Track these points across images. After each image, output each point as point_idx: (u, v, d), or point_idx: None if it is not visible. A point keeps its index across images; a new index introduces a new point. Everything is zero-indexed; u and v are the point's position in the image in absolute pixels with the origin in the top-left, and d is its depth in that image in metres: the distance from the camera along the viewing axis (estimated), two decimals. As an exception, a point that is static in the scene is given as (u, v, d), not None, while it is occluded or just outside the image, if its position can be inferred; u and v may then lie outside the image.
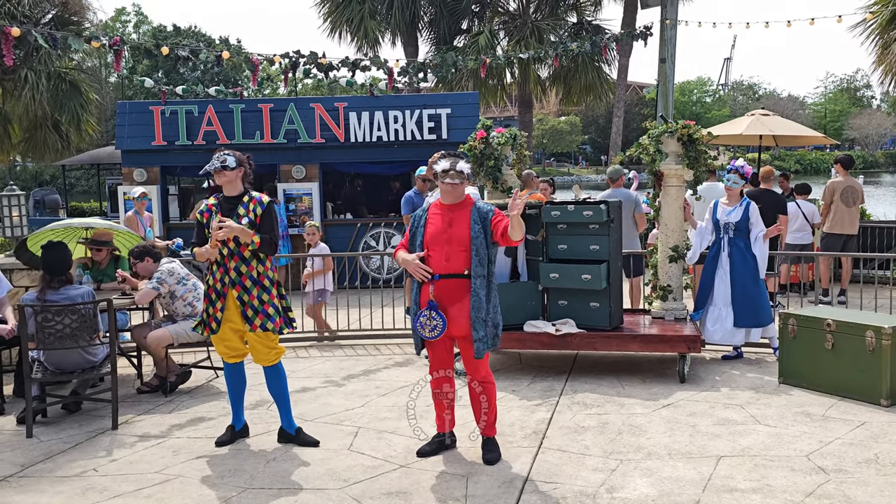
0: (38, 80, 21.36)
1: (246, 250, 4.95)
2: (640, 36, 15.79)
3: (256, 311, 4.97)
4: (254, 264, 4.98)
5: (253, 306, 4.96)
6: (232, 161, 4.99)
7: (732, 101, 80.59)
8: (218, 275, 4.99)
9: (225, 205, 5.03)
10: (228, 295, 4.99)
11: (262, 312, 4.98)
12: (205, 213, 5.06)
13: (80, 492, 4.44)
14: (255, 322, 4.96)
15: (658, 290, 7.25)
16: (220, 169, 4.97)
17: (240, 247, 4.94)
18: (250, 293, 4.96)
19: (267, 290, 5.01)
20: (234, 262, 4.96)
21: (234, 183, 5.04)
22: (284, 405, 5.20)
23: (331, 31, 23.98)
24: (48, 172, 43.05)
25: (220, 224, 4.78)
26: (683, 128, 7.00)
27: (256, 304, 4.97)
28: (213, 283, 5.02)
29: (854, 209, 9.90)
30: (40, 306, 5.45)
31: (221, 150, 5.11)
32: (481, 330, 4.51)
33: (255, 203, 5.01)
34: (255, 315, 4.97)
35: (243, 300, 4.96)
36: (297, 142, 12.18)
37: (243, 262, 4.96)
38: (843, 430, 5.17)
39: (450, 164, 4.61)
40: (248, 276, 4.97)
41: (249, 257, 4.97)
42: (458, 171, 4.60)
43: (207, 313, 5.08)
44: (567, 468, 4.60)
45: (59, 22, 21.62)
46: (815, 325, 6.05)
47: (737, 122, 14.12)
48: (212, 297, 5.04)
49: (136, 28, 59.54)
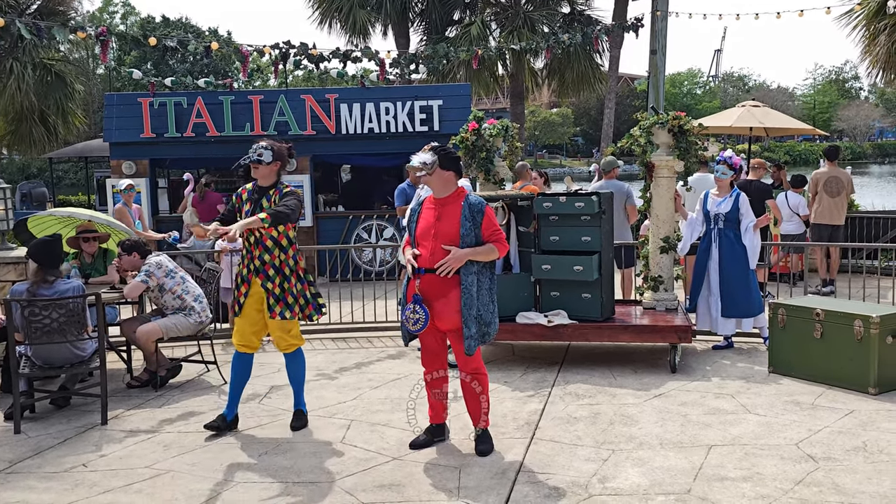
0: (24, 71, 21.15)
1: (267, 240, 5.03)
2: (631, 27, 15.80)
3: (277, 299, 5.07)
4: (276, 253, 5.06)
5: (275, 294, 5.06)
6: (268, 156, 5.03)
7: (723, 92, 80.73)
8: (246, 261, 5.13)
9: (256, 194, 5.12)
10: (252, 282, 5.11)
11: (282, 301, 5.07)
12: (237, 197, 5.18)
13: (70, 487, 4.41)
14: (276, 310, 5.06)
15: (649, 280, 7.26)
16: (256, 162, 5.01)
17: (262, 236, 5.03)
18: (273, 281, 5.06)
19: (287, 279, 5.09)
20: (258, 251, 5.06)
21: (269, 176, 5.10)
22: (298, 389, 5.37)
23: (321, 22, 23.83)
24: (35, 165, 42.70)
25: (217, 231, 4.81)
26: (674, 119, 6.99)
27: (278, 293, 5.06)
28: (241, 268, 5.17)
29: (839, 199, 9.92)
30: (27, 300, 5.40)
31: (264, 139, 5.15)
32: (473, 327, 4.50)
33: (277, 194, 5.08)
34: (275, 303, 5.07)
35: (267, 288, 5.06)
36: (287, 134, 12.10)
37: (266, 251, 5.05)
38: (832, 418, 5.19)
39: (416, 160, 4.59)
40: (270, 265, 5.06)
41: (272, 246, 5.05)
42: (421, 163, 4.57)
43: (234, 296, 5.24)
44: (559, 458, 4.61)
45: (45, 12, 21.39)
46: (804, 314, 6.08)
47: (727, 114, 14.14)
48: (237, 281, 5.20)
49: (124, 19, 59.06)
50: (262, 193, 5.11)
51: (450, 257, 4.45)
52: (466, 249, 4.48)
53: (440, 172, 4.57)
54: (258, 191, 5.13)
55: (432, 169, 4.56)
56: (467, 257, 4.47)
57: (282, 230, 5.06)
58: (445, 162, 4.58)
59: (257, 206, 5.06)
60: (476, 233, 4.54)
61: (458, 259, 4.46)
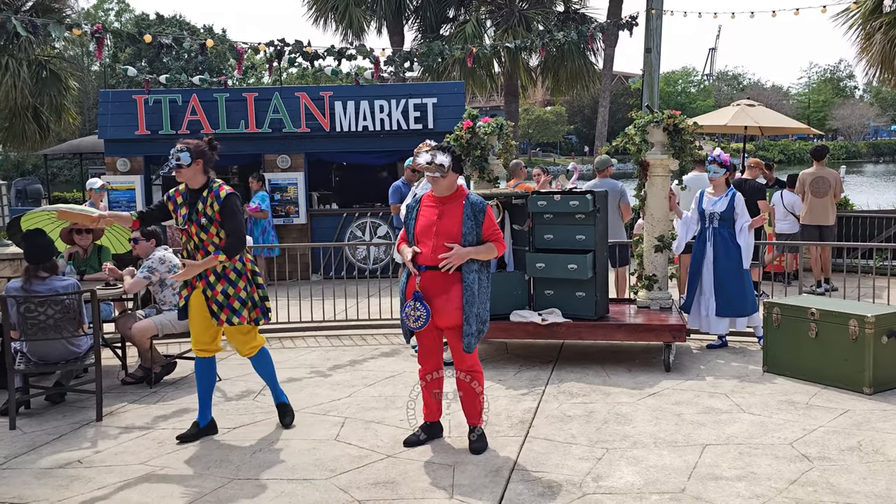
0: (19, 68, 21.08)
1: (209, 245, 4.85)
2: (625, 26, 15.79)
3: (221, 305, 4.90)
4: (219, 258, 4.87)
5: (217, 301, 4.89)
6: (186, 157, 4.80)
7: (717, 91, 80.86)
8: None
9: (189, 197, 4.91)
10: (195, 287, 4.96)
11: (228, 307, 4.91)
12: (170, 200, 5.01)
13: (65, 483, 4.41)
14: (221, 317, 4.92)
15: (643, 279, 7.28)
16: (176, 168, 4.82)
17: (203, 241, 4.86)
18: (214, 288, 4.89)
19: (233, 284, 4.91)
20: (200, 257, 4.89)
21: (195, 177, 4.88)
22: (273, 384, 5.34)
23: (316, 19, 23.80)
24: (30, 162, 42.57)
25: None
26: (669, 118, 7.01)
27: (221, 299, 4.89)
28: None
29: (826, 200, 9.93)
30: (23, 297, 5.39)
31: (179, 141, 4.93)
32: (473, 324, 4.52)
33: (213, 197, 4.84)
34: (220, 310, 4.91)
35: (207, 295, 4.90)
36: (282, 131, 12.10)
37: (207, 256, 4.88)
38: (827, 417, 5.21)
39: (428, 159, 4.59)
40: (212, 271, 4.89)
41: (213, 251, 4.86)
42: (437, 165, 4.57)
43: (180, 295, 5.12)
44: (553, 457, 4.62)
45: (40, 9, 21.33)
46: (798, 314, 6.10)
47: (722, 113, 14.18)
48: (182, 284, 5.08)
49: (119, 16, 58.90)
50: (196, 196, 4.88)
51: (452, 254, 4.46)
52: (469, 248, 4.50)
53: (451, 174, 4.60)
54: (191, 193, 4.90)
55: (447, 172, 4.57)
56: (469, 255, 4.49)
57: (220, 234, 4.85)
58: (455, 164, 4.63)
59: (193, 209, 4.85)
60: (477, 232, 4.56)
61: (460, 256, 4.47)
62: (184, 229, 4.92)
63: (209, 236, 4.85)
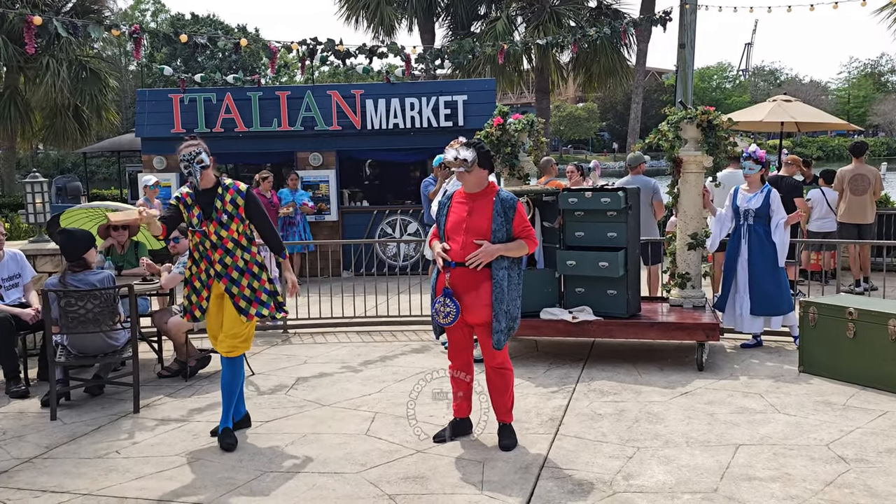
0: (59, 68, 21.52)
1: (229, 242, 4.80)
2: (659, 21, 15.65)
3: (250, 300, 4.84)
4: (238, 254, 4.84)
5: (245, 296, 4.83)
6: (205, 158, 4.78)
7: (753, 87, 79.63)
8: (202, 266, 4.85)
9: (203, 198, 4.81)
10: (214, 287, 4.86)
11: (256, 300, 4.85)
12: (180, 201, 4.87)
13: (103, 473, 4.50)
14: (251, 311, 4.84)
15: (676, 277, 7.22)
16: (203, 171, 4.76)
17: (222, 239, 4.79)
18: (239, 284, 4.82)
19: (257, 277, 4.88)
20: (219, 255, 4.80)
21: (211, 177, 4.84)
22: (231, 402, 4.95)
23: (347, 18, 23.96)
24: (70, 160, 43.45)
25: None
26: (703, 114, 6.93)
27: (248, 294, 4.84)
28: (198, 272, 4.88)
29: (865, 198, 9.73)
30: (63, 291, 5.52)
31: (185, 140, 4.85)
32: (503, 321, 4.52)
33: (233, 193, 4.81)
34: (248, 305, 4.84)
35: (232, 292, 4.81)
36: (314, 129, 12.20)
37: (227, 253, 4.81)
38: (865, 419, 5.13)
39: (453, 154, 4.61)
40: (233, 268, 4.82)
41: (233, 248, 4.82)
42: (461, 160, 4.57)
43: (190, 301, 4.93)
44: (583, 455, 4.61)
45: (80, 10, 21.75)
46: (836, 313, 6.00)
47: (758, 109, 13.97)
48: (195, 285, 4.89)
49: (154, 17, 59.78)
50: (210, 195, 4.80)
51: (481, 251, 4.47)
52: (498, 245, 4.50)
53: (477, 169, 4.60)
54: (202, 193, 4.80)
55: (472, 166, 4.58)
56: (498, 252, 4.49)
57: (240, 230, 4.82)
58: (482, 159, 4.61)
59: (210, 208, 4.78)
60: (507, 228, 4.55)
61: (489, 253, 4.47)
62: (198, 230, 4.81)
63: (229, 233, 4.79)
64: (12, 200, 21.28)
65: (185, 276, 4.99)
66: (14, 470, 4.58)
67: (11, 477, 4.47)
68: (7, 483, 4.38)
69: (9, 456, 4.81)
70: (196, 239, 4.85)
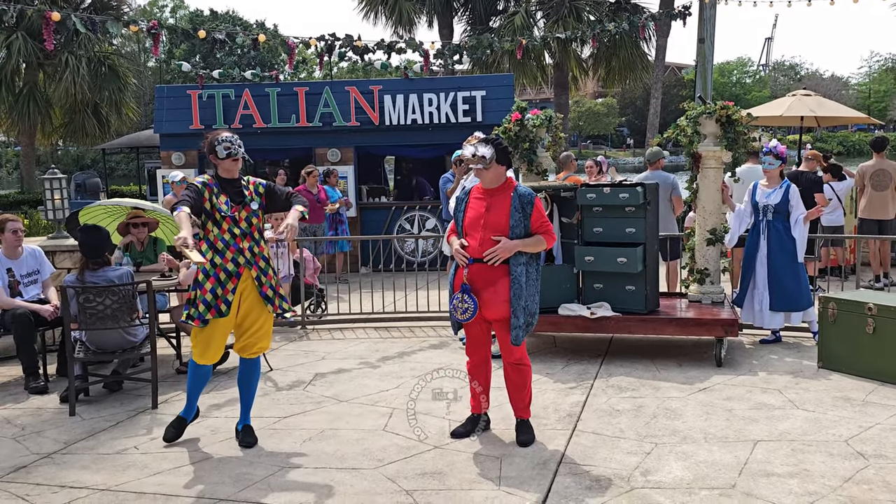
0: (79, 65, 21.69)
1: (256, 231, 4.77)
2: (678, 15, 15.55)
3: (275, 292, 4.83)
4: (263, 244, 4.83)
5: (272, 286, 4.80)
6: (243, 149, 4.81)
7: (773, 81, 78.92)
8: (229, 255, 4.68)
9: (229, 188, 4.75)
10: (244, 275, 4.72)
11: (278, 294, 4.86)
12: (207, 187, 4.70)
13: (122, 468, 4.54)
14: (276, 302, 4.81)
15: (695, 273, 7.17)
16: (241, 157, 4.78)
17: (251, 227, 4.74)
18: (266, 274, 4.78)
19: (275, 272, 4.91)
20: (248, 243, 4.73)
21: (238, 168, 4.85)
22: (250, 403, 4.98)
23: (366, 14, 23.99)
24: (89, 156, 43.83)
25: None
26: (722, 109, 6.88)
27: (273, 284, 4.82)
28: (223, 262, 4.67)
29: (886, 193, 9.61)
30: (81, 287, 5.56)
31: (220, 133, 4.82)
32: (521, 317, 4.51)
33: (255, 184, 4.85)
34: (274, 295, 4.80)
35: (261, 281, 4.75)
36: (332, 125, 12.23)
37: (255, 242, 4.77)
38: (884, 415, 5.07)
39: (471, 151, 4.60)
40: (261, 257, 4.78)
41: (258, 238, 4.79)
42: (479, 157, 4.56)
43: (215, 294, 4.64)
44: (601, 451, 4.59)
45: (98, 6, 21.89)
46: (855, 308, 5.94)
47: (778, 103, 13.85)
48: (220, 277, 4.66)
49: (173, 13, 60.14)
50: (236, 185, 4.77)
51: (499, 247, 4.46)
52: (516, 240, 4.49)
53: (495, 166, 4.59)
54: (228, 182, 4.77)
55: (490, 163, 4.57)
56: (516, 248, 4.48)
57: (256, 223, 4.78)
58: (500, 156, 4.60)
59: (238, 196, 4.73)
60: (525, 224, 4.54)
61: (507, 249, 4.46)
62: (228, 215, 4.68)
63: (258, 221, 4.80)
64: (31, 197, 21.53)
65: (208, 269, 4.66)
66: (33, 465, 4.63)
67: (30, 472, 4.52)
68: (26, 478, 4.43)
69: (28, 451, 4.86)
70: (225, 225, 4.69)
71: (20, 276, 6.53)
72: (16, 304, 6.28)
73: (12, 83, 22.46)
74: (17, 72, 22.65)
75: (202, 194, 4.66)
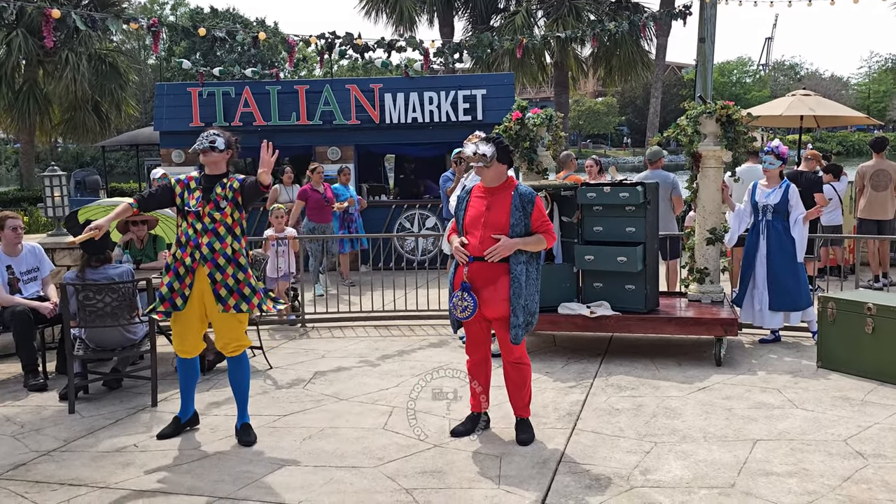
0: (79, 62, 21.65)
1: (221, 227, 4.71)
2: (679, 15, 15.54)
3: (231, 290, 4.70)
4: (228, 241, 4.73)
5: (227, 285, 4.69)
6: (221, 143, 4.81)
7: (773, 81, 78.90)
8: (188, 249, 4.71)
9: (204, 182, 4.80)
10: (198, 272, 4.70)
11: (238, 292, 4.71)
12: (181, 182, 4.82)
13: (121, 466, 4.54)
14: (230, 302, 4.70)
15: (695, 272, 7.17)
16: (209, 149, 4.77)
17: (215, 223, 4.70)
18: (224, 271, 4.69)
19: (243, 269, 4.75)
20: (208, 238, 4.69)
21: (219, 164, 4.84)
22: (243, 401, 4.96)
23: (367, 12, 23.98)
24: (89, 153, 43.83)
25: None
26: (722, 108, 6.88)
27: (231, 283, 4.70)
28: (182, 257, 4.72)
29: (886, 193, 9.62)
30: (81, 285, 5.56)
31: (211, 128, 4.91)
32: (521, 316, 4.51)
33: (231, 181, 4.79)
34: (228, 295, 4.70)
35: (215, 279, 4.68)
36: (332, 123, 12.22)
37: (217, 238, 4.70)
38: (883, 415, 5.08)
39: (472, 149, 4.60)
40: (221, 254, 4.69)
41: (224, 234, 4.72)
42: (479, 155, 4.57)
43: (171, 288, 4.73)
44: (601, 450, 4.60)
45: (98, 4, 21.86)
46: (855, 308, 5.94)
47: (777, 103, 13.85)
48: (179, 271, 4.72)
49: (174, 10, 60.09)
50: (214, 181, 4.78)
51: (499, 245, 4.46)
52: (516, 239, 4.49)
53: (496, 164, 4.59)
54: (208, 178, 4.80)
55: (491, 161, 4.57)
56: (516, 247, 4.48)
57: (237, 217, 4.75)
58: (502, 154, 4.60)
59: (209, 192, 4.74)
60: (526, 223, 4.54)
61: (507, 247, 4.47)
62: (194, 211, 4.72)
63: (223, 216, 4.72)
64: (31, 194, 21.50)
65: (168, 261, 4.79)
66: (32, 463, 4.63)
67: (30, 470, 4.52)
68: (25, 476, 4.43)
69: (27, 449, 4.86)
70: (190, 219, 4.73)
71: (20, 274, 6.53)
72: (15, 301, 6.28)
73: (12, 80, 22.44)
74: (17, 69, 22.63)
75: (173, 191, 4.83)
